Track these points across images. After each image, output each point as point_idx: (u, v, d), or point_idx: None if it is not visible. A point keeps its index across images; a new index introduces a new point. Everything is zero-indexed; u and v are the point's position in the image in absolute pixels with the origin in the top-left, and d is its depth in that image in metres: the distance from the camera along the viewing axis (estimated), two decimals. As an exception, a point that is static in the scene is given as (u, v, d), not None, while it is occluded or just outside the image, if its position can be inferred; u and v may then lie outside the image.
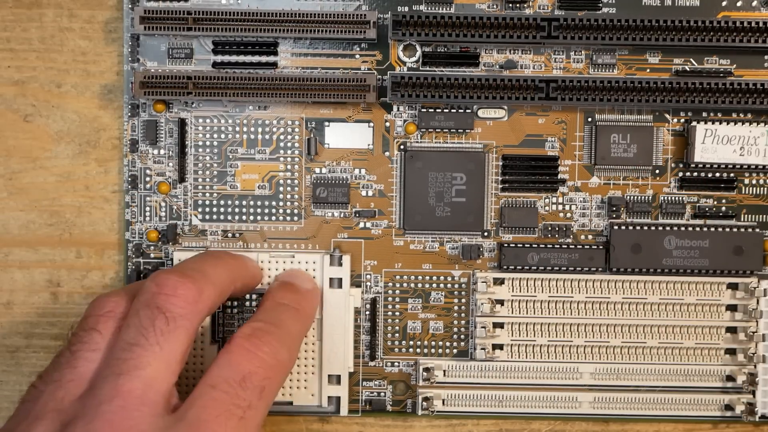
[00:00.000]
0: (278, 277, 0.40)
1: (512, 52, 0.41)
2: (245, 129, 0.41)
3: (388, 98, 0.40)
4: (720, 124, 0.40)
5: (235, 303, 0.41)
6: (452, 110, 0.40)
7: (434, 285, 0.41)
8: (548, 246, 0.40)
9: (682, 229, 0.40)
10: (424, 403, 0.40)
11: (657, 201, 0.41)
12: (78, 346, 0.33)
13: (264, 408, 0.33)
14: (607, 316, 0.41)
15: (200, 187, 0.41)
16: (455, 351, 0.42)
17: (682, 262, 0.40)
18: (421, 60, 0.40)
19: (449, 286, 0.41)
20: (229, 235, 0.41)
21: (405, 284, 0.41)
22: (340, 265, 0.40)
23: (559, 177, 0.41)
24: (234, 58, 0.40)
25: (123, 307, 0.34)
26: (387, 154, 0.41)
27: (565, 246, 0.41)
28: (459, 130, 0.41)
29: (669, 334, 0.41)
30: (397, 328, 0.41)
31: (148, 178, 0.41)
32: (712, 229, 0.40)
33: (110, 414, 0.30)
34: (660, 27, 0.39)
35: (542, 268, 0.40)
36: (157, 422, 0.30)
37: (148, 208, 0.41)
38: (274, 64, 0.40)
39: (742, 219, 0.41)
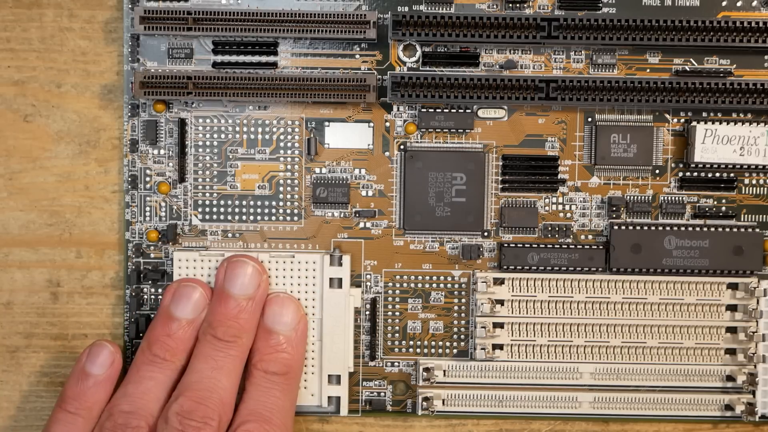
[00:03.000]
0: (262, 318, 0.39)
1: (512, 52, 0.41)
2: (245, 129, 0.41)
3: (388, 98, 0.40)
4: (720, 124, 0.40)
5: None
6: (452, 110, 0.40)
7: (434, 285, 0.41)
8: (548, 246, 0.40)
9: (682, 229, 0.40)
10: (424, 403, 0.40)
11: (657, 201, 0.41)
12: None
13: None
14: (607, 316, 0.41)
15: (200, 187, 0.41)
16: (455, 351, 0.42)
17: (682, 262, 0.40)
18: (421, 60, 0.40)
19: (449, 286, 0.41)
20: (229, 235, 0.41)
21: (405, 284, 0.41)
22: (340, 265, 0.40)
23: (559, 177, 0.41)
24: (234, 58, 0.40)
25: None
26: (387, 154, 0.41)
27: (565, 246, 0.41)
28: (459, 130, 0.41)
29: (669, 334, 0.41)
30: (397, 328, 0.41)
31: (148, 178, 0.41)
32: (712, 229, 0.40)
33: None
34: (660, 27, 0.39)
35: (542, 268, 0.40)
36: None
37: (148, 208, 0.41)
38: (274, 64, 0.40)
39: (742, 219, 0.41)
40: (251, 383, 0.38)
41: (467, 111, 0.40)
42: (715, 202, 0.41)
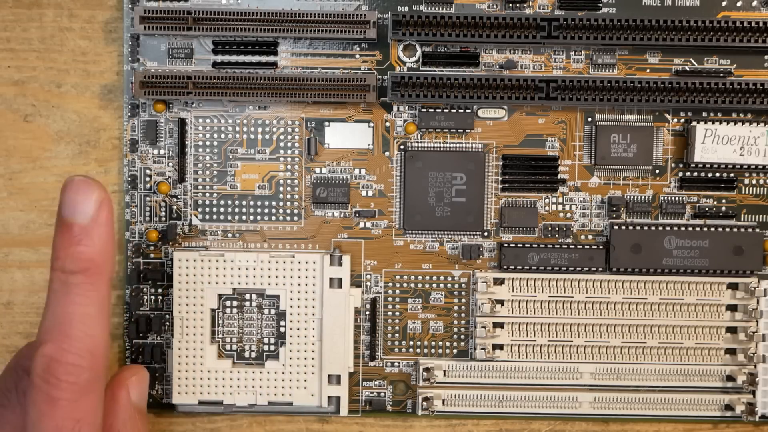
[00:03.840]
0: (58, 209, 0.34)
1: (512, 52, 0.41)
2: (245, 129, 0.41)
3: (388, 98, 0.40)
4: (720, 124, 0.40)
5: (235, 303, 0.41)
6: (452, 110, 0.40)
7: (434, 285, 0.41)
8: (548, 246, 0.40)
9: (682, 229, 0.40)
10: (424, 403, 0.40)
11: (657, 201, 0.41)
12: None
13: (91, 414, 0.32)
14: (607, 316, 0.41)
15: (200, 187, 0.41)
16: (455, 351, 0.42)
17: (682, 262, 0.40)
18: (421, 60, 0.40)
19: (449, 286, 0.41)
20: (229, 235, 0.41)
21: (405, 284, 0.41)
22: (340, 265, 0.40)
23: (559, 177, 0.41)
24: (234, 58, 0.40)
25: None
26: (387, 154, 0.41)
27: (565, 246, 0.41)
28: (459, 130, 0.41)
29: (669, 334, 0.41)
30: (397, 328, 0.41)
31: (148, 178, 0.41)
32: (712, 229, 0.40)
33: None
34: (660, 27, 0.39)
35: (542, 268, 0.40)
36: None
37: (148, 208, 0.41)
38: (274, 64, 0.40)
39: (742, 219, 0.41)
40: (50, 289, 0.33)
41: (467, 111, 0.40)
42: (715, 202, 0.41)
